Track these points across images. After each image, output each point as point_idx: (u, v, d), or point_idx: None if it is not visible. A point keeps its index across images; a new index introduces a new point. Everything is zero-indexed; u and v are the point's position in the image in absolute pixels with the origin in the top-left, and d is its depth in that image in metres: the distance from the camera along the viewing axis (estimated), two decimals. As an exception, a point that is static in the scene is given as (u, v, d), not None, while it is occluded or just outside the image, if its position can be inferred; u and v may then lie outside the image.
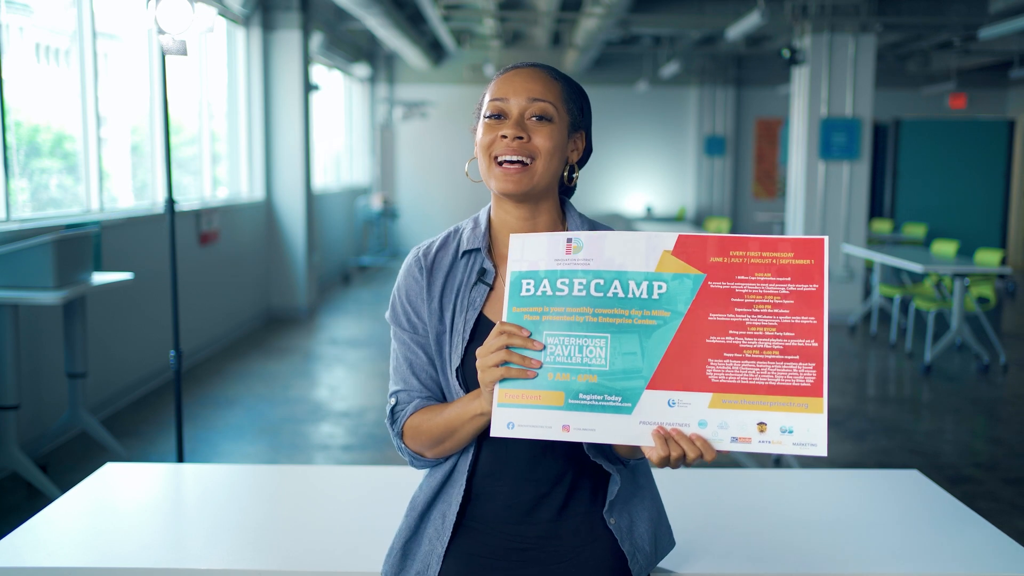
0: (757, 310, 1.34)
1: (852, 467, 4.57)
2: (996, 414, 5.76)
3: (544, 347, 1.36)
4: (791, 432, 1.31)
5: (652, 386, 1.34)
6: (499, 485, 1.56)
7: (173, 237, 3.95)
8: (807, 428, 1.31)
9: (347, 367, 6.73)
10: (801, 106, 8.68)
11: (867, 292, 9.36)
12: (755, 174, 14.61)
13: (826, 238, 1.36)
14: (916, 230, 10.20)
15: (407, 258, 1.64)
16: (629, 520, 1.58)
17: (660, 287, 1.36)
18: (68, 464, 4.39)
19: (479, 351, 1.40)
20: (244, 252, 7.88)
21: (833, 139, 8.51)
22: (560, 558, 1.55)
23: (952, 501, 2.13)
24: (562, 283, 1.38)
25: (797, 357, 1.32)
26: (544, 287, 1.38)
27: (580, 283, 1.37)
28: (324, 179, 11.34)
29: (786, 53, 8.38)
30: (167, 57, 3.83)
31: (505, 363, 1.37)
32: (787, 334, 1.33)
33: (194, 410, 5.39)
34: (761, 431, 1.32)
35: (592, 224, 1.61)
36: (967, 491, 4.23)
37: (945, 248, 7.86)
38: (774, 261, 1.35)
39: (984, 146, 11.99)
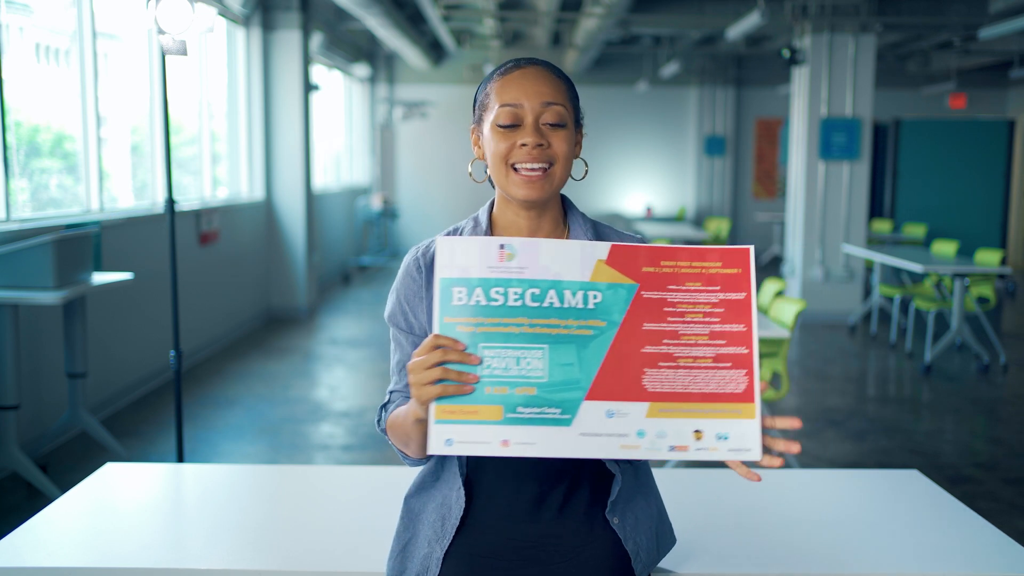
0: (689, 319, 1.36)
1: (852, 467, 4.57)
2: (996, 414, 5.76)
3: (481, 360, 1.32)
4: (726, 438, 1.34)
5: (590, 397, 1.33)
6: (499, 484, 1.56)
7: (173, 237, 3.95)
8: (741, 434, 1.34)
9: (347, 367, 6.73)
10: (801, 106, 8.68)
11: (867, 292, 9.35)
12: (755, 174, 14.60)
13: (751, 247, 1.38)
14: (916, 230, 10.19)
15: (406, 258, 1.64)
16: (633, 519, 1.59)
17: (595, 296, 1.35)
18: (68, 464, 4.39)
19: (410, 365, 1.32)
20: (244, 252, 7.88)
21: (833, 139, 8.51)
22: (561, 557, 1.55)
23: (952, 501, 2.13)
24: (496, 292, 1.33)
25: (729, 364, 1.35)
26: (478, 296, 1.33)
27: (515, 292, 1.33)
28: (324, 179, 11.34)
29: (786, 53, 8.38)
30: (167, 57, 3.84)
31: (441, 380, 1.31)
32: (719, 342, 1.36)
33: (194, 410, 5.39)
34: (697, 439, 1.34)
35: (594, 222, 1.63)
36: (967, 491, 4.23)
37: (945, 248, 7.86)
38: (703, 271, 1.37)
39: (984, 146, 11.98)
